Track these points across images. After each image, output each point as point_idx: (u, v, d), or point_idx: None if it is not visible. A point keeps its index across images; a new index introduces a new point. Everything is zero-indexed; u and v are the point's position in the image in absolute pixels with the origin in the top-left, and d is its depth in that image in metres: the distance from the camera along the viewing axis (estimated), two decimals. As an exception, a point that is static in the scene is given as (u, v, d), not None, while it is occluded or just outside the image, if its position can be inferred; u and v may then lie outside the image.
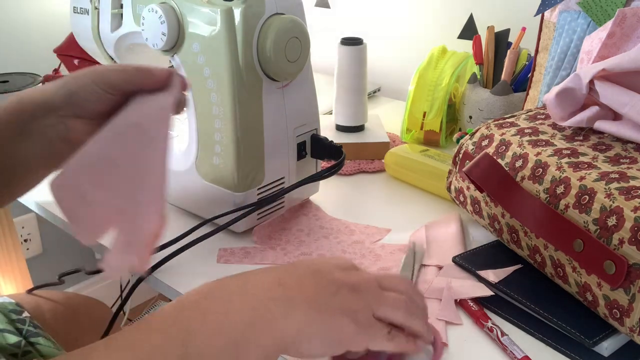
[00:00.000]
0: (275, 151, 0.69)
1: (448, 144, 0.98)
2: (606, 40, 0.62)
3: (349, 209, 0.77)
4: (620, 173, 0.52)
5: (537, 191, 0.57)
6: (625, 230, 0.47)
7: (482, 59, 0.95)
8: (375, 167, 0.89)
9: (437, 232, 0.70)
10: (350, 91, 0.93)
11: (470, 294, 0.58)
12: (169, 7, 0.65)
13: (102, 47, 0.89)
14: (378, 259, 0.66)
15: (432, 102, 0.94)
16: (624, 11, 0.62)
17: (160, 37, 0.66)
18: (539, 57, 0.82)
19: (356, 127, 0.95)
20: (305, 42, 0.67)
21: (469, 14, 1.13)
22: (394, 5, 1.25)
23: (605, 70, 0.57)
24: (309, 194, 0.78)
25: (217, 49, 0.63)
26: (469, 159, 0.66)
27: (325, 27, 1.39)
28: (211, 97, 0.65)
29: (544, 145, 0.60)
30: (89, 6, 0.85)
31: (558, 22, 0.78)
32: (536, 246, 0.57)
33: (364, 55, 0.92)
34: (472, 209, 0.68)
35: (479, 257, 0.63)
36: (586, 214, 0.51)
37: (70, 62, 1.22)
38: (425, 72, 0.96)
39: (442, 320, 0.55)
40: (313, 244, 0.68)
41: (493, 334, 0.53)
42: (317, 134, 0.74)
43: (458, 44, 1.15)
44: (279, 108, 0.68)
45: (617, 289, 0.48)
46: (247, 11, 0.62)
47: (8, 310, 0.68)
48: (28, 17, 1.35)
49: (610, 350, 0.51)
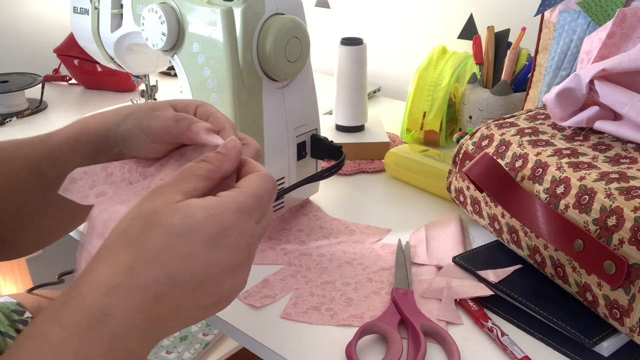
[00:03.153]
0: (275, 151, 0.69)
1: (448, 144, 0.98)
2: (606, 40, 0.62)
3: (349, 209, 0.77)
4: (620, 173, 0.52)
5: (537, 191, 0.57)
6: (625, 230, 0.47)
7: (482, 59, 0.95)
8: (375, 167, 0.89)
9: (437, 232, 0.70)
10: (350, 91, 0.93)
11: (470, 294, 0.58)
12: (169, 7, 0.66)
13: (102, 47, 0.89)
14: (378, 259, 0.66)
15: (432, 102, 0.94)
16: (624, 11, 0.62)
17: (160, 37, 0.66)
18: (539, 57, 0.82)
19: (356, 127, 0.95)
20: (305, 42, 0.67)
21: (469, 14, 1.13)
22: (394, 5, 1.25)
23: (605, 70, 0.57)
24: (309, 194, 0.78)
25: (217, 49, 0.63)
26: (469, 159, 0.66)
27: (325, 27, 1.39)
28: (211, 97, 0.65)
29: (544, 145, 0.60)
30: (89, 6, 0.85)
31: (558, 22, 0.78)
32: (536, 246, 0.57)
33: (364, 55, 0.92)
34: (472, 209, 0.68)
35: (479, 257, 0.64)
36: (586, 214, 0.51)
37: (70, 62, 1.23)
38: (425, 72, 0.96)
39: (442, 321, 0.55)
40: (313, 244, 0.69)
41: (493, 334, 0.53)
42: (317, 134, 0.74)
43: (458, 44, 1.15)
44: (279, 108, 0.68)
45: (617, 289, 0.48)
46: (247, 11, 0.62)
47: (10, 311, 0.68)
48: (28, 17, 1.35)
49: (610, 350, 0.51)
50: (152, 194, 0.36)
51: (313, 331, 0.55)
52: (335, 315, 0.57)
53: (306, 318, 0.56)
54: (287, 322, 0.56)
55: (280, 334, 0.55)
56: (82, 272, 0.34)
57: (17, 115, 1.08)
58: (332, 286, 0.61)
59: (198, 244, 0.34)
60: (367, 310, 0.57)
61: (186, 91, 0.68)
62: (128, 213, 0.36)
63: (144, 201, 0.36)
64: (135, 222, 0.34)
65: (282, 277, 0.62)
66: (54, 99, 1.20)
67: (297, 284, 0.61)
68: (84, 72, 1.23)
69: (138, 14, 0.73)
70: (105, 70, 1.19)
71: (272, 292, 0.60)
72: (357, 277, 0.62)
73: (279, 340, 0.54)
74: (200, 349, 1.31)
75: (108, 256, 0.34)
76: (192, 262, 0.34)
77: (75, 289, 0.33)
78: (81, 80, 1.26)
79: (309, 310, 0.57)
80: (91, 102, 1.17)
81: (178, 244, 0.34)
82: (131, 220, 0.35)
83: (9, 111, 1.09)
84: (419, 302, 0.57)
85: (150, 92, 1.04)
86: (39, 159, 0.49)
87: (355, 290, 0.60)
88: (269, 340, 0.54)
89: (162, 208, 0.34)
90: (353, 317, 0.56)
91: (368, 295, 0.60)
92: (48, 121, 1.08)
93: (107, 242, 0.35)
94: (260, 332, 0.55)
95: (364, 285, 0.61)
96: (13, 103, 1.10)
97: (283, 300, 0.59)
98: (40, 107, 1.13)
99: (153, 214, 0.34)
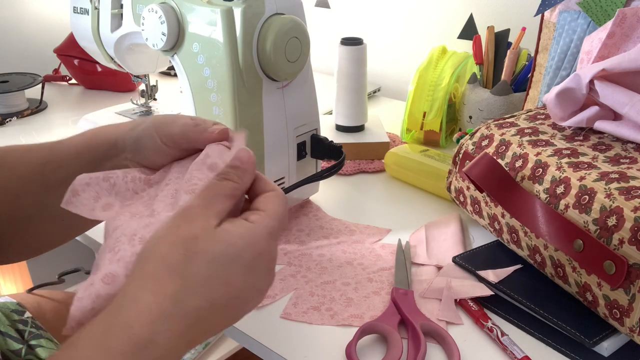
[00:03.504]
0: (275, 151, 0.69)
1: (448, 144, 0.98)
2: (606, 40, 0.62)
3: (349, 209, 0.77)
4: (620, 173, 0.52)
5: (537, 191, 0.57)
6: (625, 230, 0.47)
7: (482, 59, 0.95)
8: (375, 167, 0.89)
9: (437, 232, 0.70)
10: (350, 91, 0.93)
11: (470, 294, 0.58)
12: (169, 7, 0.66)
13: (102, 47, 0.89)
14: (378, 259, 0.66)
15: (432, 102, 0.94)
16: (624, 11, 0.62)
17: (160, 37, 0.66)
18: (539, 57, 0.82)
19: (356, 127, 0.95)
20: (305, 42, 0.67)
21: (469, 14, 1.13)
22: (394, 5, 1.25)
23: (605, 70, 0.57)
24: (309, 194, 0.78)
25: (217, 49, 0.63)
26: (469, 159, 0.66)
27: (325, 27, 1.39)
28: (211, 97, 0.65)
29: (544, 145, 0.60)
30: (89, 6, 0.86)
31: (558, 22, 0.78)
32: (536, 246, 0.57)
33: (364, 55, 0.92)
34: (472, 209, 0.68)
35: (479, 257, 0.64)
36: (586, 214, 0.51)
37: (70, 62, 1.23)
38: (425, 72, 0.96)
39: (442, 321, 0.55)
40: (313, 244, 0.69)
41: (493, 334, 0.53)
42: (317, 134, 0.74)
43: (458, 44, 1.15)
44: (279, 108, 0.68)
45: (617, 289, 0.48)
46: (247, 11, 0.62)
47: (10, 311, 0.68)
48: (28, 17, 1.35)
49: (610, 350, 0.51)
50: (186, 216, 0.37)
51: (313, 331, 0.55)
52: (335, 315, 0.57)
53: (306, 318, 0.56)
54: (287, 322, 0.56)
55: (280, 334, 0.55)
56: (124, 297, 0.34)
57: (17, 115, 1.08)
58: (332, 286, 0.61)
59: (237, 271, 0.36)
60: (367, 310, 0.57)
61: (186, 91, 0.68)
62: (163, 234, 0.36)
63: (180, 223, 0.36)
64: (176, 248, 0.35)
65: (282, 277, 0.62)
66: (54, 99, 1.20)
67: (297, 284, 0.61)
68: (84, 72, 1.23)
69: (138, 14, 0.73)
70: (105, 70, 1.19)
71: (272, 292, 0.60)
72: (357, 277, 0.62)
73: (279, 340, 0.54)
74: (200, 349, 1.31)
75: (152, 284, 0.34)
76: (230, 288, 0.36)
77: (120, 316, 0.34)
78: (81, 80, 1.26)
79: (309, 310, 0.57)
80: (91, 102, 1.17)
81: (220, 273, 0.35)
82: (171, 246, 0.35)
83: (9, 111, 1.09)
84: (419, 302, 0.57)
85: (150, 92, 1.04)
86: (45, 162, 0.49)
87: (355, 290, 0.60)
88: (269, 340, 0.54)
89: (201, 234, 0.35)
90: (353, 317, 0.56)
91: (368, 295, 0.60)
92: (48, 121, 1.08)
93: (149, 268, 0.35)
94: (260, 332, 0.55)
95: (364, 285, 0.61)
96: (13, 103, 1.10)
97: (283, 300, 0.59)
98: (40, 107, 1.13)
99: (193, 240, 0.35)
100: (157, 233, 0.37)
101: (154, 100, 1.05)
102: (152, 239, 0.36)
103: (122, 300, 0.34)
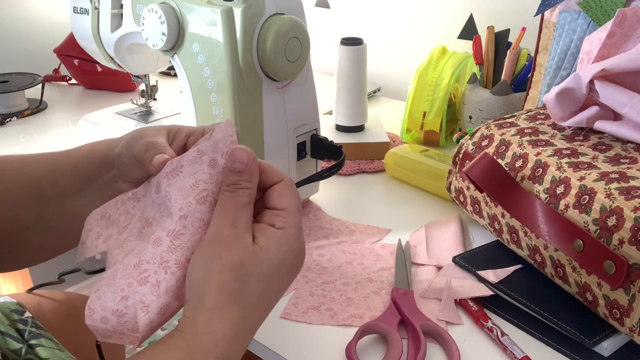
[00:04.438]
0: (275, 151, 0.69)
1: (448, 144, 0.98)
2: (606, 40, 0.62)
3: (349, 209, 0.77)
4: (620, 173, 0.52)
5: (537, 191, 0.57)
6: (625, 230, 0.47)
7: (482, 59, 0.95)
8: (375, 167, 0.89)
9: (437, 232, 0.70)
10: (350, 91, 0.93)
11: (470, 294, 0.58)
12: (169, 7, 0.66)
13: (102, 47, 0.89)
14: (378, 259, 0.66)
15: (432, 102, 0.94)
16: (624, 11, 0.62)
17: (160, 37, 0.66)
18: (539, 57, 0.82)
19: (356, 127, 0.95)
20: (305, 42, 0.67)
21: (469, 14, 1.13)
22: (394, 5, 1.25)
23: (605, 70, 0.57)
24: (309, 194, 0.78)
25: (217, 49, 0.63)
26: (469, 159, 0.66)
27: (325, 27, 1.39)
28: (211, 97, 0.65)
29: (544, 145, 0.60)
30: (89, 6, 0.86)
31: (558, 22, 0.78)
32: (536, 246, 0.57)
33: (364, 55, 0.92)
34: (472, 209, 0.68)
35: (479, 257, 0.64)
36: (586, 214, 0.51)
37: (70, 62, 1.23)
38: (425, 72, 0.96)
39: (442, 321, 0.55)
40: (313, 244, 0.69)
41: (493, 334, 0.53)
42: (317, 134, 0.74)
43: (458, 44, 1.15)
44: (279, 108, 0.68)
45: (617, 289, 0.48)
46: (247, 11, 0.62)
47: (10, 311, 0.68)
48: (28, 17, 1.35)
49: (610, 350, 0.51)
50: (221, 242, 0.39)
51: (313, 331, 0.55)
52: (335, 315, 0.57)
53: (306, 318, 0.56)
54: (287, 322, 0.56)
55: (280, 334, 0.55)
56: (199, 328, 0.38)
57: (17, 115, 1.08)
58: (332, 286, 0.61)
59: (284, 276, 0.40)
60: (367, 310, 0.57)
61: (186, 91, 0.68)
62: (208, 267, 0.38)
63: (220, 251, 0.38)
64: (228, 276, 0.38)
65: (282, 277, 0.62)
66: (54, 99, 1.20)
67: (297, 284, 0.61)
68: (84, 72, 1.23)
69: (138, 14, 0.73)
70: (105, 70, 1.19)
71: (272, 292, 0.60)
72: (357, 277, 0.62)
73: (279, 340, 0.54)
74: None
75: (220, 315, 0.38)
76: (281, 290, 0.41)
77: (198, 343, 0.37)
78: (81, 80, 1.26)
79: (309, 310, 0.57)
80: (91, 102, 1.17)
81: (271, 284, 0.40)
82: (222, 276, 0.38)
83: (9, 111, 1.09)
84: (419, 302, 0.57)
85: (150, 92, 1.04)
86: (42, 175, 0.50)
87: (355, 290, 0.60)
88: (269, 340, 0.54)
89: (245, 256, 0.38)
90: (353, 317, 0.56)
91: (368, 295, 0.60)
92: (48, 121, 1.08)
93: (210, 304, 0.38)
94: (260, 332, 0.55)
95: (364, 285, 0.61)
96: (13, 103, 1.10)
97: (283, 300, 0.59)
98: (40, 107, 1.13)
99: (240, 265, 0.38)
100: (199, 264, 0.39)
101: (154, 100, 1.05)
102: (198, 271, 0.38)
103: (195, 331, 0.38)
